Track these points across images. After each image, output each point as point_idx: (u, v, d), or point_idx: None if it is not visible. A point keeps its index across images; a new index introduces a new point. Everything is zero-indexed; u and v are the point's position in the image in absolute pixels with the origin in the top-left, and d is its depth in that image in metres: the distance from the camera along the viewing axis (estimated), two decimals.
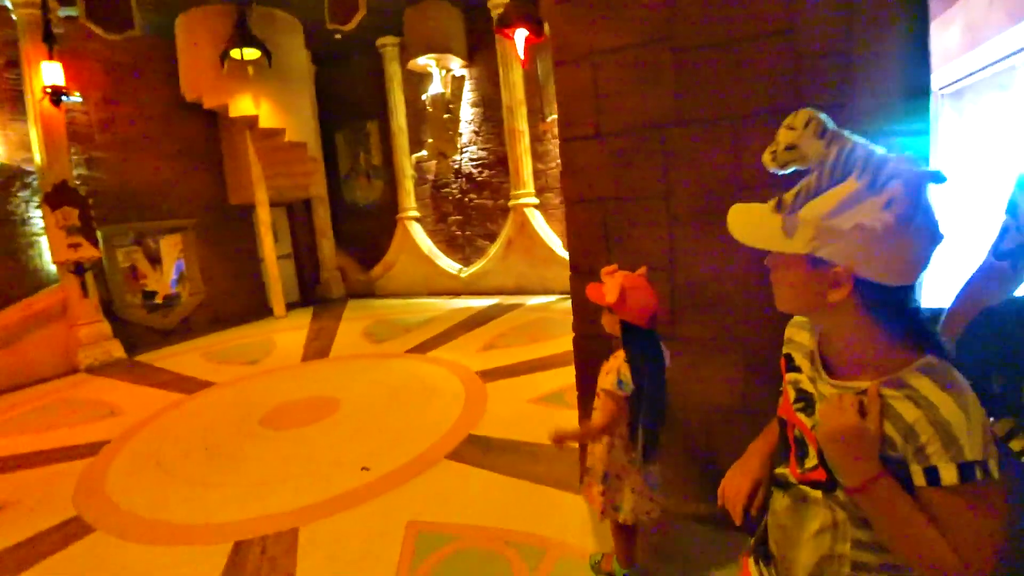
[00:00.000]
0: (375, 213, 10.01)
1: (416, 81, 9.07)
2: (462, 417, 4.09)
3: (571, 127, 2.66)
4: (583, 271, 2.78)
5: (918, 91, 2.04)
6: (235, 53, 6.49)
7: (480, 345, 6.14)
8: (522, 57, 3.02)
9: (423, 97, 8.82)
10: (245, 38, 6.43)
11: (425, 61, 8.24)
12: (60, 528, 2.98)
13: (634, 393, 1.85)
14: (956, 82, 3.01)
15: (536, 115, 8.70)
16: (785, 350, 1.06)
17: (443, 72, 8.55)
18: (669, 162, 2.48)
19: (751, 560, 1.14)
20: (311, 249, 9.75)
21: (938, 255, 0.85)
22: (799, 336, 1.04)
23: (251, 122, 7.27)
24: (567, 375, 4.66)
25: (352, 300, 9.59)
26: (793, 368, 1.02)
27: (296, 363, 5.93)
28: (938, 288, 2.14)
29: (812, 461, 0.94)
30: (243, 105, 7.07)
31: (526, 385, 4.70)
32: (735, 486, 1.11)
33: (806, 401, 0.97)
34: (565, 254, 3.51)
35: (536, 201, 8.94)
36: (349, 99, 9.73)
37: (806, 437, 0.96)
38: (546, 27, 2.78)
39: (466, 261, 9.65)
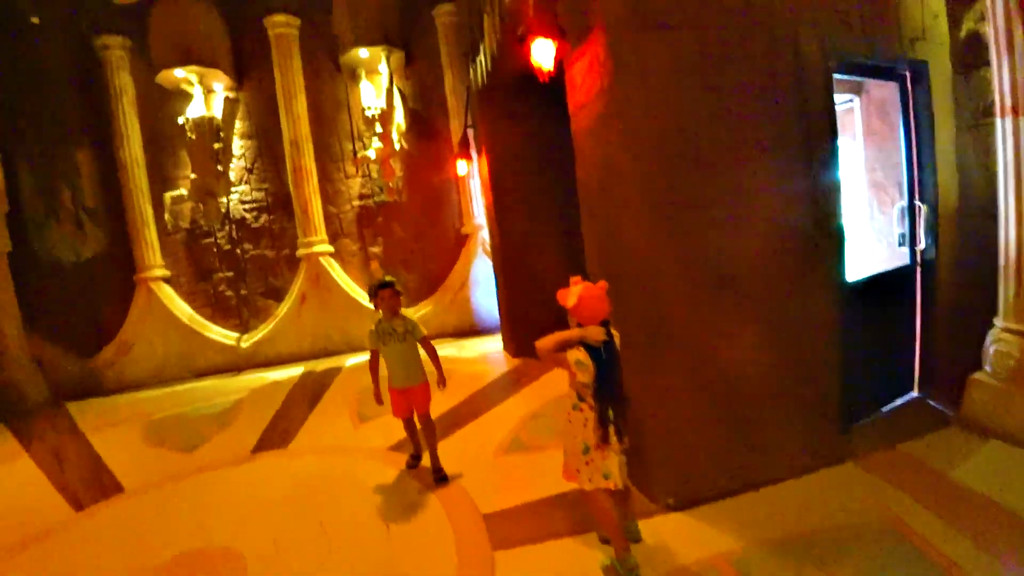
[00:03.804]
0: (93, 274, 7.17)
1: (158, 99, 6.95)
2: (448, 499, 3.25)
3: None
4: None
5: None
6: None
7: (349, 421, 5.04)
8: (551, 68, 2.68)
9: (180, 120, 6.79)
10: None
11: (183, 75, 6.43)
12: None
13: (596, 380, 2.16)
14: None
15: (324, 151, 7.72)
16: None
17: (205, 92, 6.82)
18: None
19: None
20: None
21: None
22: None
23: None
24: (498, 420, 4.31)
25: (72, 403, 6.56)
26: None
27: (70, 515, 3.73)
28: None
29: None
30: None
31: (472, 441, 4.10)
32: None
33: None
34: (371, 305, 3.38)
35: (331, 249, 7.89)
36: (42, 114, 6.75)
37: None
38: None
39: (243, 327, 7.80)
